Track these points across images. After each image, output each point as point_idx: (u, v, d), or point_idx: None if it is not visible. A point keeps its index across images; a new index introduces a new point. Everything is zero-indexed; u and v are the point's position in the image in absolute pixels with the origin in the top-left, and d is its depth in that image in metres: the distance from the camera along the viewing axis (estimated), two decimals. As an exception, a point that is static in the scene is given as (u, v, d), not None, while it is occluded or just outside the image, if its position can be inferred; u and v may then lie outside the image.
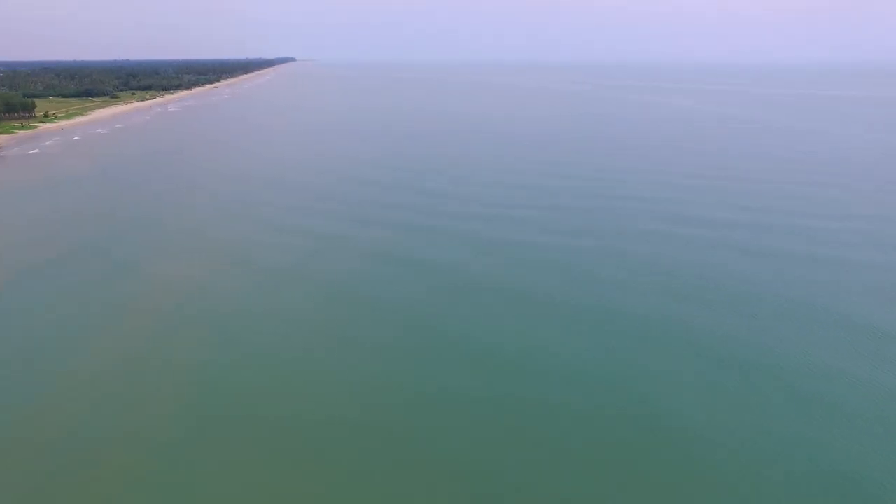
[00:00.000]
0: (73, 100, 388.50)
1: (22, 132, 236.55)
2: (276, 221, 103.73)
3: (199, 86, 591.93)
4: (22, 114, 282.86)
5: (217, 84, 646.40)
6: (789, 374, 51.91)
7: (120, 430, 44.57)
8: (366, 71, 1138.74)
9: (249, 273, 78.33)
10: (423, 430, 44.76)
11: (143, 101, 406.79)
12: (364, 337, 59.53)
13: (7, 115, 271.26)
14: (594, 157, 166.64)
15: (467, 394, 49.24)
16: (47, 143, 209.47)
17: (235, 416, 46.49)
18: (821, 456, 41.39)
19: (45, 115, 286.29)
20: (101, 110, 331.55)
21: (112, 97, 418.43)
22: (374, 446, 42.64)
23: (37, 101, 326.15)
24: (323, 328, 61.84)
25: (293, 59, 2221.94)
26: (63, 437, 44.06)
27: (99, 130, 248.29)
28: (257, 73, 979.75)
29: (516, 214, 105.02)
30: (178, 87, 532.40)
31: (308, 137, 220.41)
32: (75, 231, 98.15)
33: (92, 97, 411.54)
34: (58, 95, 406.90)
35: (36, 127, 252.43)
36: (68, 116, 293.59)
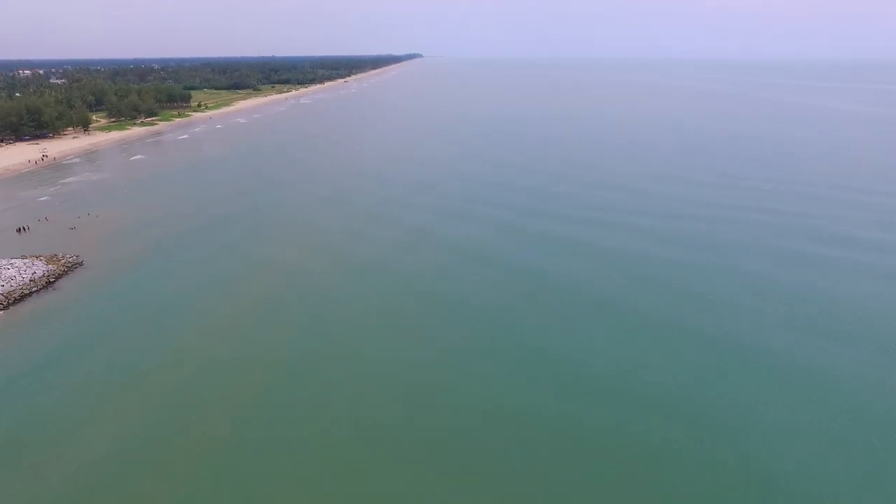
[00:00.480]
0: (223, 92, 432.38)
1: (178, 119, 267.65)
2: (377, 211, 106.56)
3: (331, 80, 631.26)
4: (180, 103, 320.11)
5: (347, 79, 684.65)
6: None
7: (209, 395, 48.20)
8: (496, 68, 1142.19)
9: (341, 260, 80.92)
10: (487, 439, 42.68)
11: (280, 93, 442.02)
12: (440, 336, 58.58)
13: (168, 104, 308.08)
14: (737, 165, 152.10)
15: (539, 410, 46.22)
16: (196, 129, 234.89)
17: (302, 399, 47.91)
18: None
19: (198, 105, 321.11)
20: (244, 101, 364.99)
21: (255, 90, 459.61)
22: (432, 449, 41.67)
23: (193, 92, 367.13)
24: (399, 323, 61.89)
25: (420, 56, 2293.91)
26: (166, 392, 48.63)
27: (238, 120, 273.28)
28: (384, 68, 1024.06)
29: (631, 221, 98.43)
30: (312, 81, 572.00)
31: (422, 132, 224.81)
32: (203, 209, 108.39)
33: (239, 90, 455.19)
34: (211, 88, 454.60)
35: (190, 116, 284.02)
36: (217, 107, 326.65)
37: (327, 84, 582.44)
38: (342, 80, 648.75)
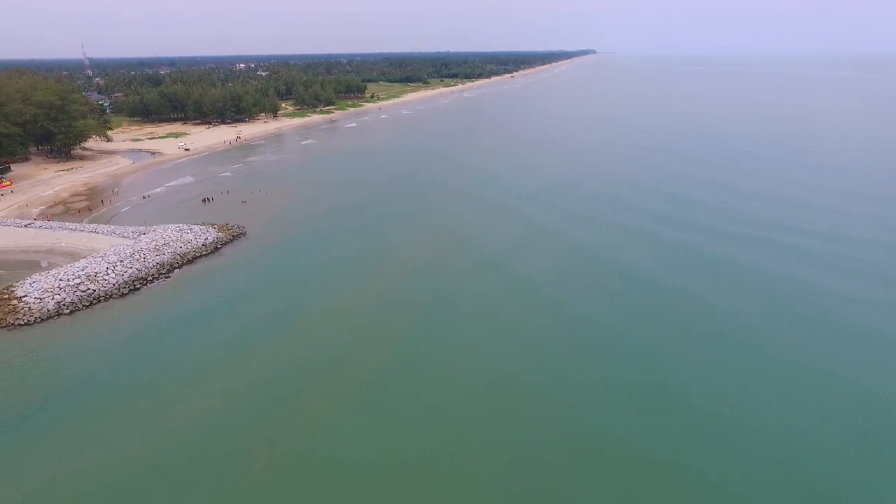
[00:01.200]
0: (395, 84, 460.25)
1: (351, 109, 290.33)
2: (511, 206, 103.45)
3: (498, 75, 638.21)
4: (356, 94, 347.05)
5: (514, 74, 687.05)
6: None
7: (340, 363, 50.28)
8: (674, 65, 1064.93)
9: (467, 254, 79.58)
10: (581, 478, 38.19)
11: (447, 87, 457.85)
12: (545, 340, 54.40)
13: (345, 94, 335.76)
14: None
15: (644, 452, 40.02)
16: (364, 118, 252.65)
17: (399, 391, 47.35)
18: None
19: (371, 96, 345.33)
20: (412, 94, 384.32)
21: (424, 83, 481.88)
22: (513, 472, 38.46)
23: (369, 84, 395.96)
24: (509, 323, 58.53)
25: (593, 52, 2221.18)
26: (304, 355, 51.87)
27: (402, 111, 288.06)
28: (554, 64, 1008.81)
29: (795, 242, 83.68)
30: (479, 76, 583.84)
31: (577, 130, 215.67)
32: (352, 191, 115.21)
33: (410, 83, 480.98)
34: (386, 80, 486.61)
35: (362, 105, 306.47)
36: (387, 98, 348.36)
37: (493, 79, 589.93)
38: (508, 76, 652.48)
